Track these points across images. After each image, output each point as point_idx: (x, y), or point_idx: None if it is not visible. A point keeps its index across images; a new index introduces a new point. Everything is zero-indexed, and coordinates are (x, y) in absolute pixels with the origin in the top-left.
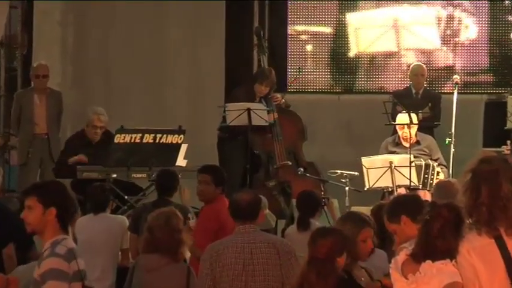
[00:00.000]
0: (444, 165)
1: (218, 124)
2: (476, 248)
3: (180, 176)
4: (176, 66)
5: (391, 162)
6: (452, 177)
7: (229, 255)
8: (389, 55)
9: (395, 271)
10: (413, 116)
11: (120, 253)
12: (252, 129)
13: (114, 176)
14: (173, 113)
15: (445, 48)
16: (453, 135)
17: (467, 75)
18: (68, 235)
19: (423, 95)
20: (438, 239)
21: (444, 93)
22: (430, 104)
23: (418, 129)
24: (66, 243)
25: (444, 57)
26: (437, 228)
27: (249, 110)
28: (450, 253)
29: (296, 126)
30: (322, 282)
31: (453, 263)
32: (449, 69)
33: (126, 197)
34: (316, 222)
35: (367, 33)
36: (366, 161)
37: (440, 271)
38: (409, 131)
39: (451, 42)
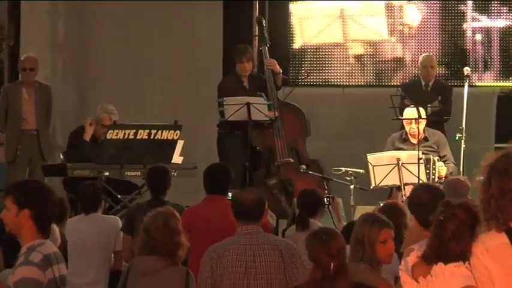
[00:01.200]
0: (452, 162)
1: (216, 119)
2: (490, 248)
3: (175, 174)
4: (172, 59)
5: (398, 159)
6: (463, 174)
7: (231, 258)
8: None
9: (405, 273)
10: (422, 110)
11: (112, 255)
12: (252, 124)
13: (107, 174)
14: (169, 107)
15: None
16: (464, 131)
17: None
18: (47, 239)
19: (433, 88)
20: (452, 242)
21: (453, 86)
22: (439, 98)
23: (427, 124)
24: (42, 249)
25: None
26: (452, 230)
27: (248, 104)
28: (464, 255)
29: (299, 121)
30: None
31: (466, 266)
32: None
33: (119, 196)
34: (318, 222)
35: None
36: (372, 157)
37: (453, 275)
38: (417, 127)
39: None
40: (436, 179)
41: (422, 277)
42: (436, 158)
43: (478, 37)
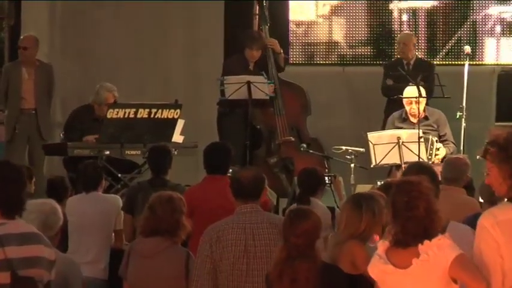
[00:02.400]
0: (452, 142)
1: (216, 98)
2: (501, 222)
3: (175, 153)
4: (172, 37)
5: (398, 138)
6: (463, 153)
7: (230, 237)
8: None
9: (384, 264)
10: (422, 89)
11: (113, 234)
12: (252, 103)
13: (107, 153)
14: (169, 86)
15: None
16: (464, 109)
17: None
18: (11, 220)
19: (415, 66)
20: (427, 219)
21: (452, 64)
22: (421, 76)
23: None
24: None
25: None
26: (424, 207)
27: (248, 83)
28: (440, 228)
29: (299, 100)
30: (310, 269)
31: (446, 235)
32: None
33: (119, 175)
34: (319, 201)
35: None
36: (372, 136)
37: (440, 247)
38: (417, 107)
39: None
40: (435, 161)
41: (416, 258)
42: (435, 139)
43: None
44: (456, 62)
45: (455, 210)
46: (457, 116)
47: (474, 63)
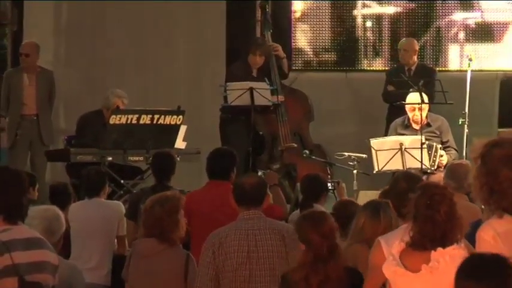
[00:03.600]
0: (454, 149)
1: (219, 104)
2: (501, 233)
3: (178, 159)
4: (175, 44)
5: (401, 144)
6: (465, 159)
7: (233, 243)
8: None
9: (396, 266)
10: (424, 96)
11: (116, 240)
12: (255, 109)
13: (110, 159)
14: (172, 92)
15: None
16: (467, 115)
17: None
18: (14, 225)
19: (416, 72)
20: (447, 223)
21: (456, 71)
22: (422, 82)
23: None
24: (3, 235)
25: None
26: (445, 211)
27: (251, 89)
28: (461, 237)
29: (302, 106)
30: (338, 268)
31: (462, 247)
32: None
33: (122, 181)
34: (321, 207)
35: None
36: (375, 142)
37: (453, 258)
38: (420, 113)
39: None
40: (436, 167)
41: (425, 264)
42: (439, 146)
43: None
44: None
45: None
46: (460, 123)
47: (477, 69)
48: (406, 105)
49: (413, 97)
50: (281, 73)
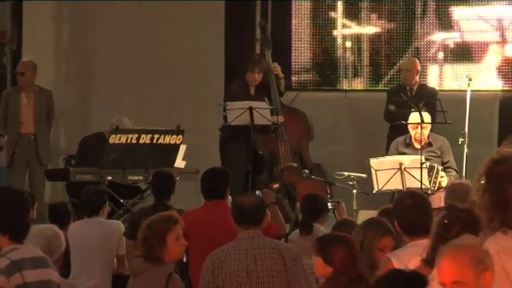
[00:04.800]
0: (454, 169)
1: (218, 123)
2: (505, 248)
3: (178, 178)
4: (174, 63)
5: (401, 164)
6: (465, 178)
7: (232, 262)
8: None
9: None
10: (426, 115)
11: (115, 260)
12: (255, 128)
13: (109, 178)
14: (171, 111)
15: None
16: (466, 135)
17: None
18: (21, 244)
19: (418, 92)
20: None
21: (453, 91)
22: (422, 102)
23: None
24: (12, 254)
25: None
26: (456, 232)
27: (251, 108)
28: None
29: (302, 125)
30: None
31: None
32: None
33: (121, 200)
34: (321, 227)
35: None
36: (374, 162)
37: None
38: (421, 132)
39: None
40: (436, 189)
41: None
42: (440, 168)
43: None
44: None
45: None
46: (460, 143)
47: (477, 89)
48: (409, 124)
49: (415, 116)
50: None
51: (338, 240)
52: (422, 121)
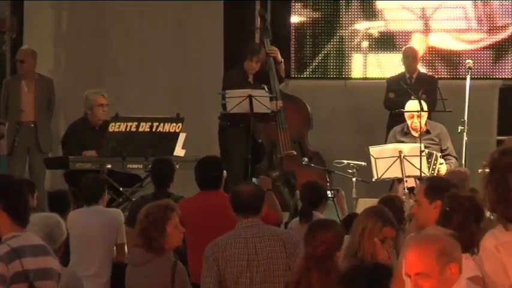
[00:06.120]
0: (454, 156)
1: (218, 111)
2: (505, 243)
3: (177, 167)
4: (174, 52)
5: (400, 152)
6: (465, 166)
7: (232, 251)
8: None
9: None
10: (423, 103)
11: (115, 248)
12: (254, 116)
13: (109, 166)
14: (171, 100)
15: None
16: (466, 123)
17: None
18: (22, 232)
19: (417, 80)
20: (458, 231)
21: (455, 78)
22: (422, 90)
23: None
24: (12, 241)
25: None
26: (458, 220)
27: (250, 96)
28: (470, 246)
29: (301, 114)
30: (324, 280)
31: (474, 258)
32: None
33: (121, 188)
34: (321, 215)
35: None
36: (374, 150)
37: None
38: (419, 121)
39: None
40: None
41: None
42: (439, 155)
43: None
44: (458, 76)
45: None
46: (459, 131)
47: (476, 77)
48: (405, 113)
49: (412, 105)
50: (278, 77)
51: (316, 228)
52: (422, 109)
